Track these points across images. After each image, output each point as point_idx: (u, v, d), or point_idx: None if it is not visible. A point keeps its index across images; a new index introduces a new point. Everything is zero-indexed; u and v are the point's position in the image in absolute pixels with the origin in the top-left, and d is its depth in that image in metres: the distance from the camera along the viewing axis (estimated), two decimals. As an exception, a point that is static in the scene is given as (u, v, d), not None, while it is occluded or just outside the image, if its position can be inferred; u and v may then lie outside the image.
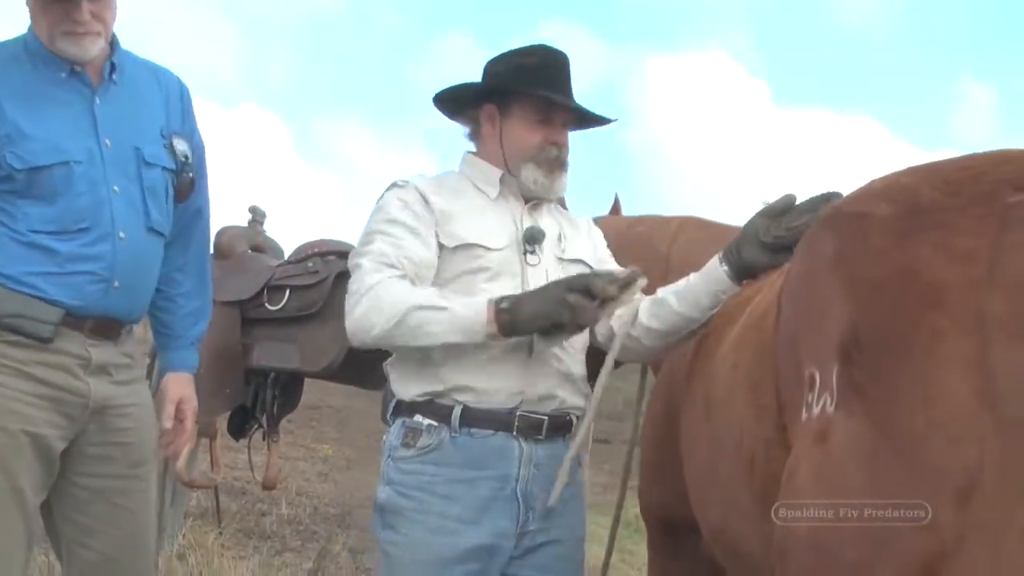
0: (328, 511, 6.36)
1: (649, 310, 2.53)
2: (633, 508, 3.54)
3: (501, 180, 2.64)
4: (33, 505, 2.63)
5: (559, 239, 2.68)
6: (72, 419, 2.65)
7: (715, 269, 2.43)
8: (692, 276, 2.50)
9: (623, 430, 7.54)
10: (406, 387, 2.52)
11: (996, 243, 1.55)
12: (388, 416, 2.61)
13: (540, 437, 2.48)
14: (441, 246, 2.52)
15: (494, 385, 2.45)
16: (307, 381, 4.64)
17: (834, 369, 1.67)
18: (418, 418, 2.49)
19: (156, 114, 2.83)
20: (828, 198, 2.19)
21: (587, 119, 2.71)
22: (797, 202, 2.29)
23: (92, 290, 2.63)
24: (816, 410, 1.70)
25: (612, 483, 7.23)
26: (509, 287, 2.48)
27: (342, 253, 4.04)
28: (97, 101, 2.72)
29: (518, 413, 2.46)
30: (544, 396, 2.48)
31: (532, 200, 2.65)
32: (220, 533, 5.32)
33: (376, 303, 2.40)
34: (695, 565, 2.64)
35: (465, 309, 2.36)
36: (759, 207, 2.39)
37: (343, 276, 3.65)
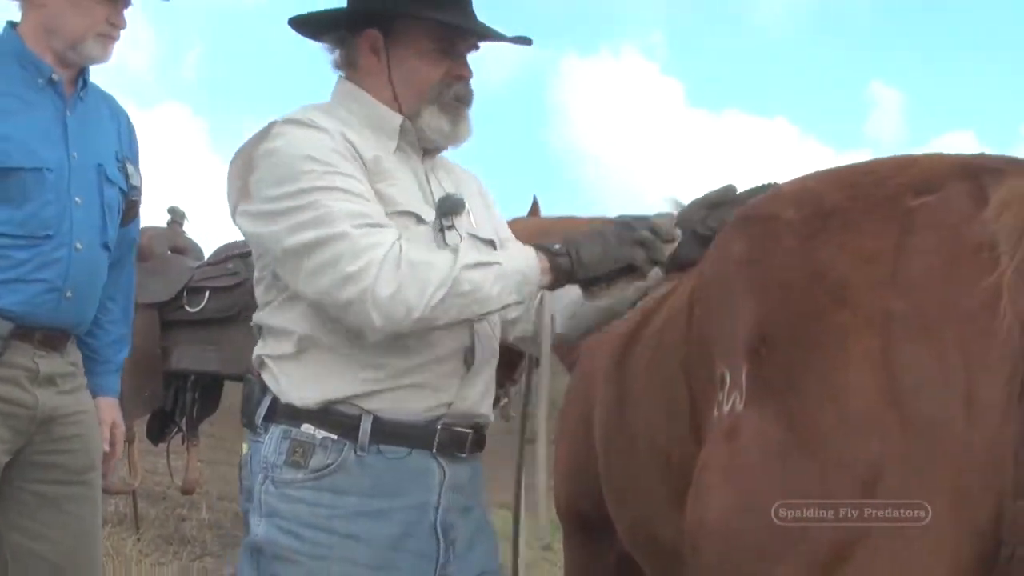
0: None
1: (570, 307, 2.31)
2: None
3: (401, 128, 2.14)
4: None
5: (465, 205, 2.22)
6: (18, 432, 2.68)
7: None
8: None
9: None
10: (299, 387, 2.02)
11: (899, 245, 1.60)
12: (257, 419, 2.07)
13: (463, 455, 2.10)
14: None
15: (422, 392, 2.03)
16: (233, 383, 4.61)
17: (744, 368, 1.71)
18: (308, 428, 2.00)
19: (112, 138, 2.88)
20: (765, 189, 2.13)
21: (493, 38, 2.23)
22: (737, 193, 2.19)
23: (45, 299, 2.66)
24: (727, 408, 1.74)
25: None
26: None
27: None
28: (68, 113, 2.74)
29: (439, 426, 2.05)
30: (472, 405, 2.12)
31: (427, 151, 2.21)
32: (139, 539, 5.27)
33: (410, 275, 1.88)
34: (610, 562, 2.68)
35: (513, 260, 1.96)
36: (683, 200, 2.30)
37: None
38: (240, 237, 2.36)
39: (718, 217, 2.14)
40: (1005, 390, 1.45)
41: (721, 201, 2.18)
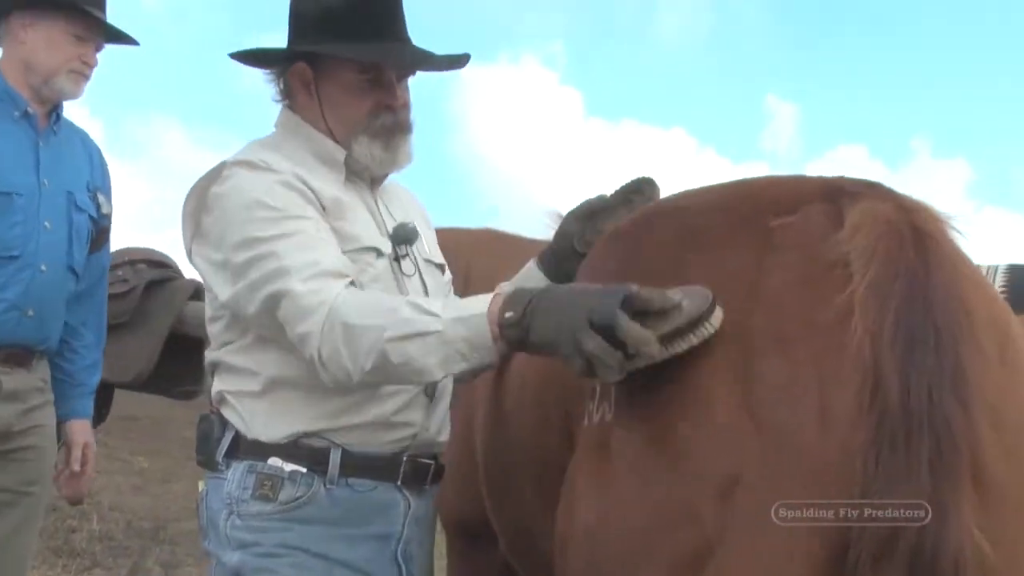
0: (142, 525, 6.24)
1: None
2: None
3: (346, 161, 2.14)
4: None
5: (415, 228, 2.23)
6: None
7: (540, 283, 2.26)
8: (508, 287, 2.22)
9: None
10: (266, 424, 2.02)
11: (759, 263, 1.68)
12: (218, 456, 2.07)
13: (425, 487, 2.13)
14: None
15: (389, 423, 2.05)
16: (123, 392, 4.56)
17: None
18: (275, 462, 2.00)
19: (83, 169, 3.05)
20: (638, 187, 2.21)
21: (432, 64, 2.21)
22: (609, 198, 2.24)
23: (7, 318, 2.79)
24: (596, 418, 1.80)
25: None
26: None
27: (152, 261, 4.02)
28: (41, 144, 2.91)
29: (405, 458, 2.07)
30: (434, 434, 2.15)
31: (374, 179, 2.22)
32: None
33: (343, 339, 1.85)
34: (491, 570, 2.71)
35: (457, 326, 1.81)
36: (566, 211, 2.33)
37: (154, 285, 3.64)
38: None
39: (594, 229, 2.19)
40: (856, 400, 1.53)
41: (595, 210, 2.23)
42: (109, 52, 3.12)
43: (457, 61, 2.22)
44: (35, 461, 2.98)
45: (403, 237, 2.13)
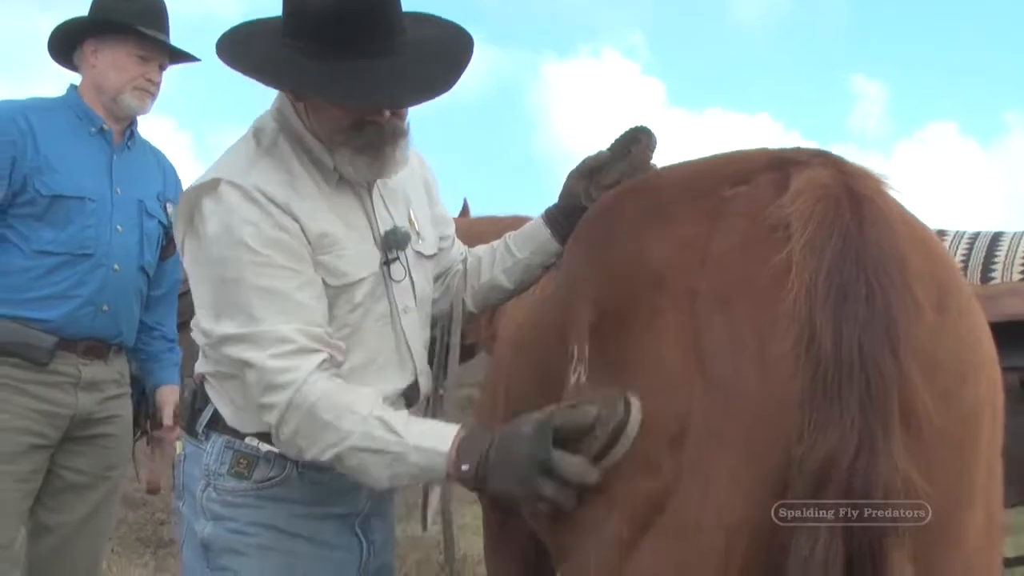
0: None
1: (478, 291, 2.46)
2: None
3: (334, 166, 2.09)
4: (12, 491, 3.11)
5: (410, 220, 2.24)
6: (57, 428, 3.14)
7: (547, 243, 2.36)
8: (520, 250, 2.41)
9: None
10: (242, 417, 2.08)
11: (710, 231, 1.82)
12: (198, 427, 2.15)
13: None
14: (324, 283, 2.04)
15: None
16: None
17: (587, 344, 1.93)
18: (251, 441, 2.08)
19: (156, 181, 3.38)
20: (635, 136, 2.25)
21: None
22: (608, 152, 2.27)
23: (83, 313, 3.11)
24: (574, 380, 1.95)
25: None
26: (374, 319, 2.12)
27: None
28: (115, 157, 3.25)
29: None
30: None
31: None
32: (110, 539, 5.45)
33: (307, 427, 1.92)
34: (520, 537, 2.86)
35: (418, 454, 1.89)
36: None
37: None
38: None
39: (597, 185, 2.26)
40: (793, 351, 1.66)
41: (596, 166, 2.29)
42: (196, 68, 3.45)
43: (425, 95, 2.03)
44: (113, 448, 3.30)
45: (392, 243, 2.13)
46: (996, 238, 3.43)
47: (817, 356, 1.64)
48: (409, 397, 2.21)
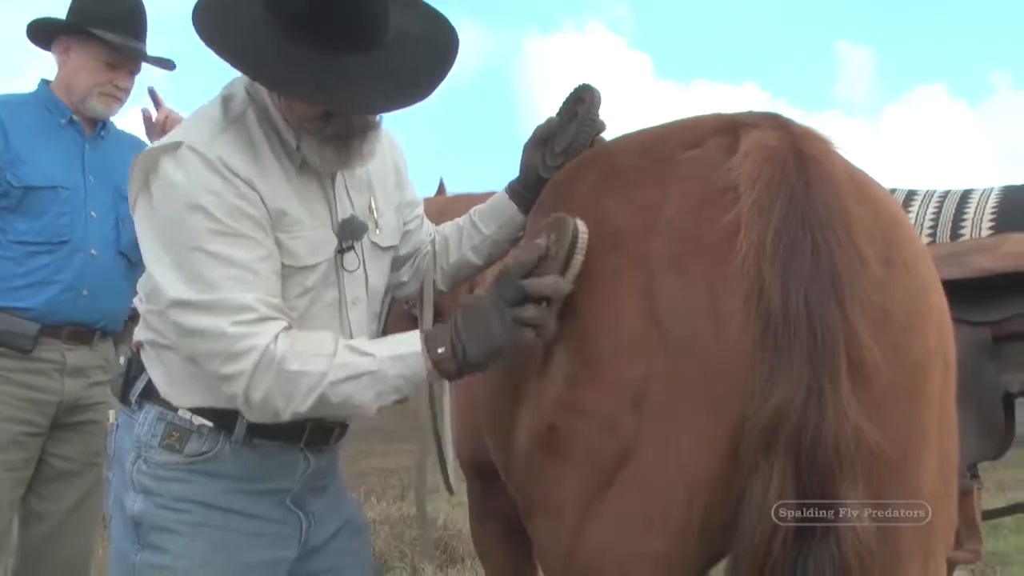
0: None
1: (448, 270, 2.49)
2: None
3: (298, 149, 2.04)
4: (14, 482, 3.18)
5: (371, 210, 2.20)
6: (46, 415, 3.20)
7: (513, 217, 2.39)
8: (487, 227, 2.44)
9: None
10: (177, 390, 2.06)
11: (664, 194, 1.87)
12: (132, 396, 2.12)
13: (326, 447, 2.23)
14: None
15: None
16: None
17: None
18: (184, 415, 2.06)
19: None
20: (578, 96, 2.27)
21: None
22: (556, 118, 2.29)
23: (64, 298, 3.15)
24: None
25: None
26: (322, 306, 2.10)
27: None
28: (87, 147, 3.29)
29: (309, 425, 2.12)
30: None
31: None
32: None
33: (278, 385, 1.88)
34: (502, 503, 2.91)
35: (395, 364, 1.91)
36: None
37: None
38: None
39: (552, 153, 2.28)
40: (743, 308, 1.72)
41: (547, 135, 2.31)
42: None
43: (433, 75, 2.00)
44: (98, 435, 3.31)
45: (349, 233, 2.11)
46: (965, 196, 3.49)
47: (766, 312, 1.70)
48: None
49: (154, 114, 3.33)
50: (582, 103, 2.28)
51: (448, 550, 5.66)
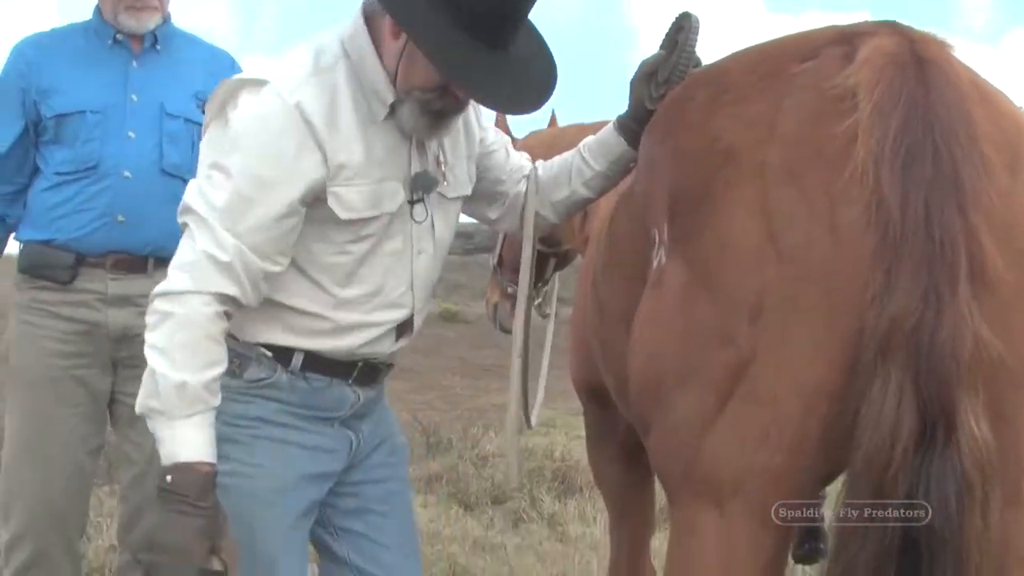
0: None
1: (558, 204, 2.55)
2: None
3: (392, 105, 2.15)
4: (64, 417, 3.12)
5: (440, 162, 2.29)
6: (98, 347, 3.13)
7: (624, 153, 2.42)
8: (596, 162, 2.47)
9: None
10: (238, 323, 2.15)
11: (778, 107, 1.85)
12: None
13: (375, 383, 2.36)
14: (324, 209, 2.10)
15: (354, 350, 2.24)
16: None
17: (665, 226, 1.98)
18: (246, 344, 2.20)
19: (193, 80, 3.25)
20: (679, 25, 2.31)
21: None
22: (663, 52, 2.33)
23: (97, 226, 3.08)
24: (655, 262, 2.02)
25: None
26: (385, 255, 2.20)
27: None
28: (134, 64, 3.20)
29: (360, 364, 2.27)
30: (395, 352, 2.36)
31: None
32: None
33: (163, 338, 2.00)
34: (617, 430, 2.95)
35: (171, 444, 1.99)
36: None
37: None
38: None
39: (657, 85, 2.32)
40: (862, 217, 1.70)
41: (653, 68, 2.34)
42: (287, 5, 3.48)
43: (553, 78, 2.18)
44: None
45: (419, 186, 2.20)
46: None
47: (885, 219, 1.67)
48: (400, 330, 2.31)
49: None
50: (682, 31, 2.30)
51: (566, 480, 5.73)
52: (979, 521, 1.66)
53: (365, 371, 2.30)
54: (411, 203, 2.21)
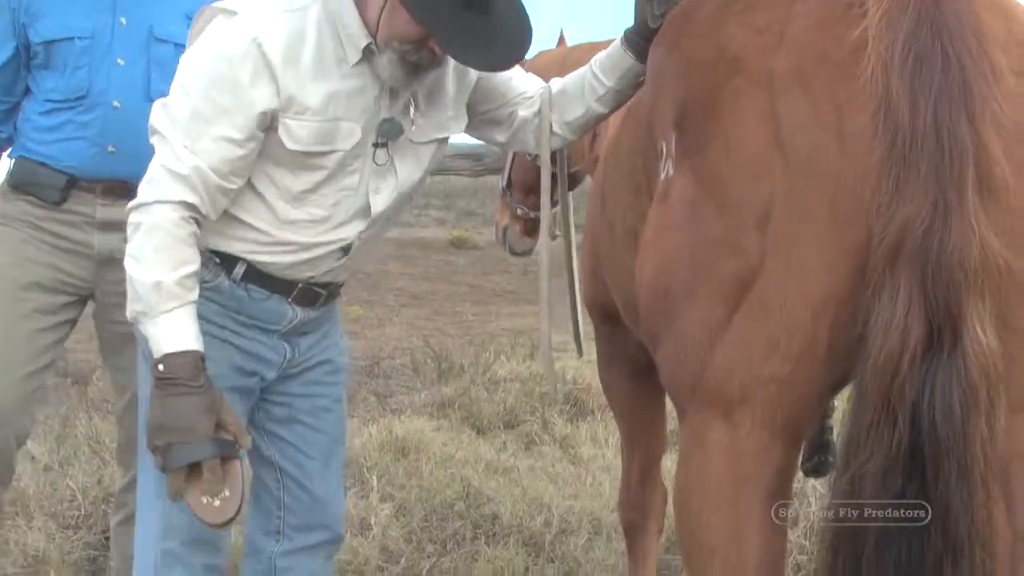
0: (358, 363, 6.74)
1: (573, 122, 2.54)
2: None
3: (365, 50, 2.23)
4: (38, 326, 3.07)
5: (411, 106, 2.35)
6: (83, 267, 3.09)
7: (632, 67, 2.41)
8: (608, 78, 2.47)
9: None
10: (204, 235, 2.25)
11: (787, 14, 1.84)
12: None
13: (314, 308, 2.46)
14: (276, 137, 2.21)
15: (296, 266, 2.35)
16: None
17: (673, 138, 1.98)
18: None
19: (182, 2, 3.07)
20: None
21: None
22: None
23: (89, 154, 3.02)
24: (663, 175, 2.01)
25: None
26: (339, 189, 2.30)
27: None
28: None
29: (300, 284, 2.39)
30: (336, 277, 2.47)
31: None
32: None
33: (141, 246, 2.14)
34: (628, 347, 2.95)
35: (158, 339, 2.12)
36: None
37: None
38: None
39: (661, 3, 2.29)
40: (871, 124, 1.69)
41: None
42: None
43: (528, 37, 2.31)
44: None
45: (384, 133, 2.30)
46: None
47: (893, 127, 1.67)
48: (345, 250, 2.39)
49: None
50: None
51: (578, 404, 5.76)
52: (984, 427, 1.68)
53: (305, 291, 2.41)
54: (375, 146, 2.31)
